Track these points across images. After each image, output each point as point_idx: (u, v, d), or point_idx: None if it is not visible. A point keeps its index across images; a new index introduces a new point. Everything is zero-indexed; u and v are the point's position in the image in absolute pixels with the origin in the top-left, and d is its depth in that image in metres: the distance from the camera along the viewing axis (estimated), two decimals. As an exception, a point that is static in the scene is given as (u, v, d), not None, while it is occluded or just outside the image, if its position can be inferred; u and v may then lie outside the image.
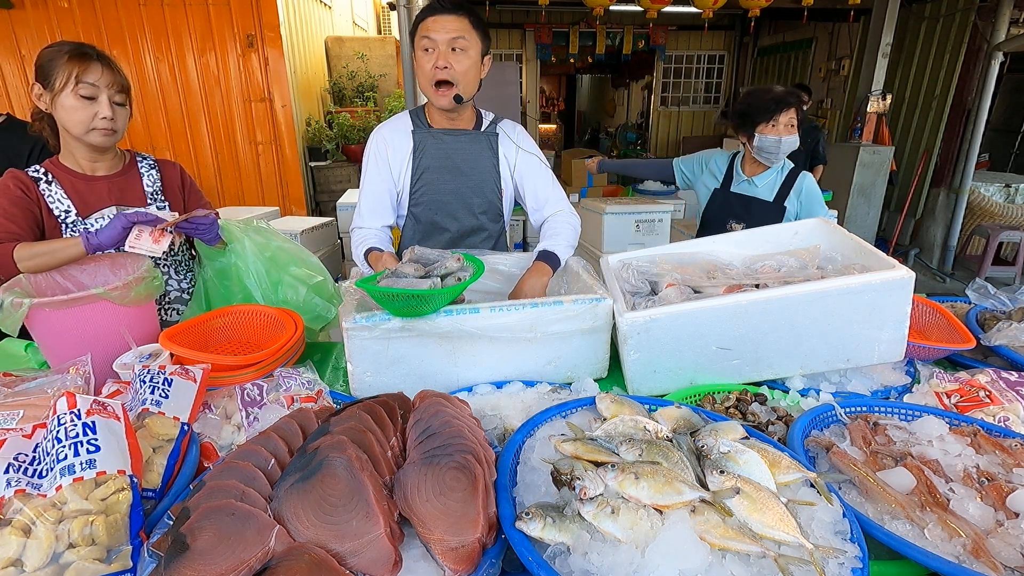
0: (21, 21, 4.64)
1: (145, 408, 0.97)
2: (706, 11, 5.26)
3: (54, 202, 1.52)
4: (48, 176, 1.53)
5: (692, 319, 1.20)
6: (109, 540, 0.72)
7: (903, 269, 1.17)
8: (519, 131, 1.79)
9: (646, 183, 7.07)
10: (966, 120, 5.52)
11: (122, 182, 1.63)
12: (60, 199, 1.53)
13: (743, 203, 2.26)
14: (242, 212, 3.93)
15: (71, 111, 1.44)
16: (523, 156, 1.76)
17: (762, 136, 2.12)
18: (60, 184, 1.53)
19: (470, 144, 1.70)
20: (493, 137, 1.73)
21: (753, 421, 1.11)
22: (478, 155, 1.71)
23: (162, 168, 1.74)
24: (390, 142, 1.69)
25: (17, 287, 1.26)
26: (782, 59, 8.46)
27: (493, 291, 1.64)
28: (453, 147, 1.69)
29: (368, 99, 6.49)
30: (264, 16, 4.89)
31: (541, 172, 1.78)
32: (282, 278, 1.66)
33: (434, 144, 1.69)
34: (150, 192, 1.68)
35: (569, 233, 1.70)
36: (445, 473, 0.77)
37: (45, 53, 1.44)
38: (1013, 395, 1.13)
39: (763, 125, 2.11)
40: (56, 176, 1.54)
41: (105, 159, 1.60)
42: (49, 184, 1.52)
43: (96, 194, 1.58)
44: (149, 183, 1.68)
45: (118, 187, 1.62)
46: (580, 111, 15.17)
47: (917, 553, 0.73)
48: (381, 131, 1.72)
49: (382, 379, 1.24)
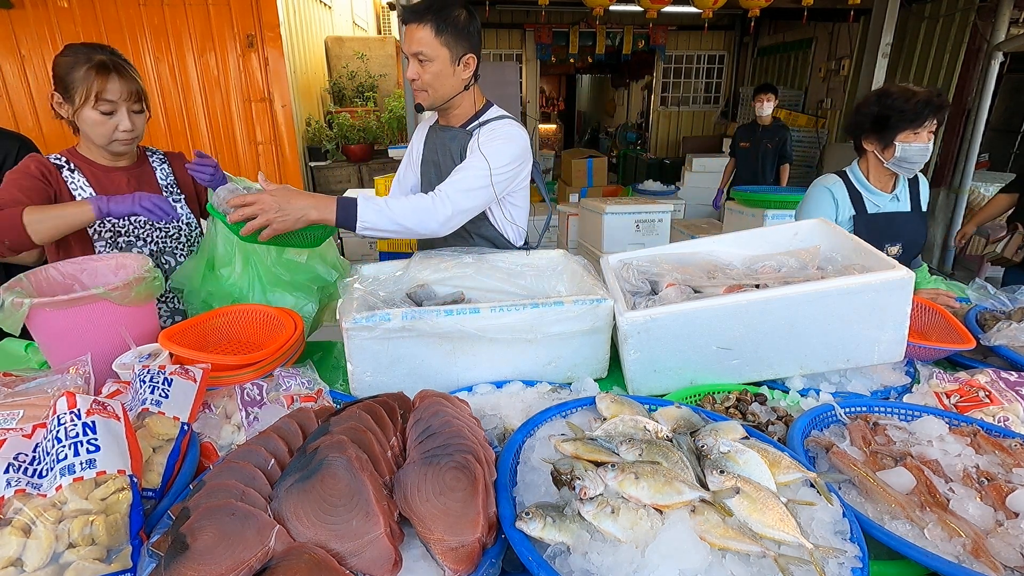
0: (21, 21, 4.63)
1: (145, 408, 0.97)
2: (706, 11, 5.26)
3: (76, 188, 1.56)
4: (70, 164, 1.57)
5: (692, 319, 1.20)
6: (109, 540, 0.72)
7: (903, 269, 1.17)
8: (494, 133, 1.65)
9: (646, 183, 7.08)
10: (966, 120, 5.52)
11: (139, 173, 1.68)
12: (83, 186, 1.57)
13: (890, 222, 1.97)
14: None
15: (93, 125, 1.50)
16: (473, 151, 1.64)
17: (906, 145, 1.82)
18: (82, 172, 1.58)
19: (449, 141, 1.76)
20: (467, 136, 1.73)
21: (753, 421, 1.11)
22: (452, 152, 1.76)
23: (172, 161, 1.78)
24: (416, 133, 1.94)
25: (18, 287, 1.26)
26: (782, 59, 8.46)
27: (493, 289, 1.64)
28: (438, 142, 1.81)
29: (368, 99, 6.49)
30: (264, 16, 4.89)
31: (469, 163, 1.61)
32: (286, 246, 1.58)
33: (430, 138, 1.85)
34: (164, 185, 1.72)
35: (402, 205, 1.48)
36: (445, 473, 0.77)
37: (63, 63, 1.46)
38: (1013, 395, 1.13)
39: (907, 132, 1.82)
40: (77, 165, 1.58)
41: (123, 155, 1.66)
42: (72, 172, 1.56)
43: (116, 184, 1.62)
44: (162, 176, 1.73)
45: (136, 178, 1.66)
46: (580, 111, 15.17)
47: (917, 553, 0.73)
48: (420, 124, 1.94)
49: (382, 379, 1.24)
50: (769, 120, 4.95)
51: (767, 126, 4.96)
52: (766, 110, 4.86)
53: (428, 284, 1.59)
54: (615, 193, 6.78)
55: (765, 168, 4.97)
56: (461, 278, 1.61)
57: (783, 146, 4.93)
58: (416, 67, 1.59)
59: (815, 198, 2.02)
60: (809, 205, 2.03)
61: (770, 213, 3.97)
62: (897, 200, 1.96)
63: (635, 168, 8.99)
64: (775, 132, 4.94)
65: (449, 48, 1.56)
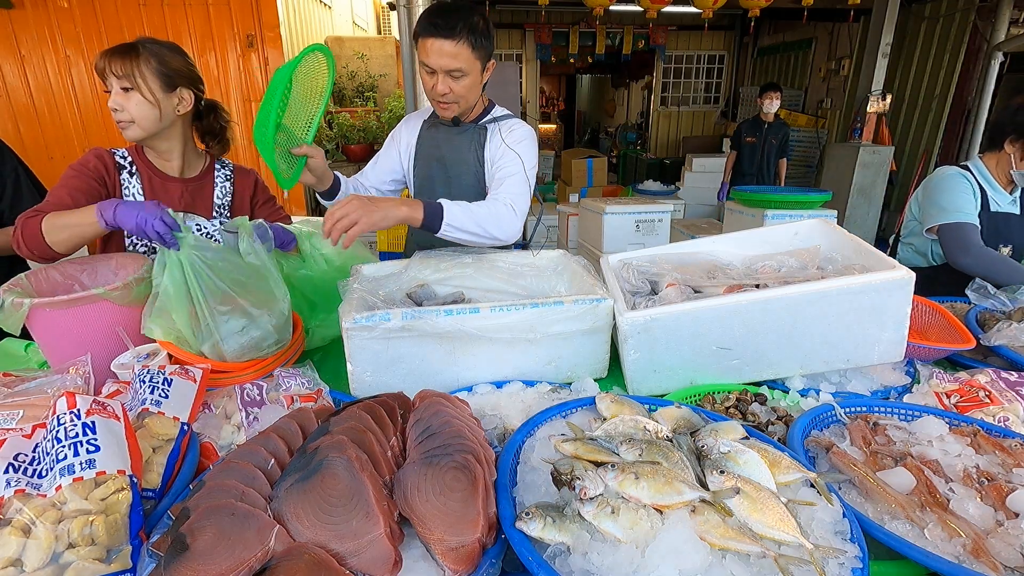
0: (21, 21, 4.64)
1: (145, 408, 0.97)
2: (706, 11, 5.27)
3: (129, 195, 1.51)
4: (132, 167, 1.52)
5: (692, 319, 1.20)
6: (109, 540, 0.72)
7: (903, 269, 1.17)
8: (516, 133, 1.72)
9: (646, 183, 7.08)
10: (966, 120, 5.52)
11: (196, 188, 1.62)
12: (136, 194, 1.52)
13: (1008, 222, 1.97)
14: (242, 212, 3.93)
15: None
16: (504, 151, 1.70)
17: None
18: (140, 178, 1.53)
19: (457, 136, 1.74)
20: (482, 131, 1.73)
21: (753, 421, 1.11)
22: (463, 147, 1.74)
23: (237, 177, 1.70)
24: (405, 127, 1.86)
25: (17, 287, 1.26)
26: (782, 59, 8.47)
27: (493, 288, 1.64)
28: (442, 138, 1.77)
29: (368, 99, 6.50)
30: (264, 16, 4.89)
31: (510, 167, 1.67)
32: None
33: (429, 134, 1.80)
34: (219, 204, 1.65)
35: (490, 209, 1.53)
36: (445, 473, 0.77)
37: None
38: (1013, 395, 1.13)
39: None
40: (139, 169, 1.53)
41: (172, 157, 1.56)
42: (131, 176, 1.52)
43: (168, 196, 1.56)
44: (221, 194, 1.66)
45: (191, 192, 1.60)
46: (580, 111, 15.18)
47: (917, 553, 0.73)
48: (406, 118, 1.89)
49: (382, 379, 1.24)
50: (773, 117, 5.18)
51: (771, 123, 5.19)
52: (773, 107, 5.08)
53: (428, 284, 1.59)
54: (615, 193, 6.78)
55: (769, 162, 5.24)
56: (461, 278, 1.61)
57: (784, 142, 5.22)
58: (448, 82, 1.54)
59: (954, 183, 1.93)
60: (950, 192, 1.92)
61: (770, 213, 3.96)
62: (1016, 203, 1.97)
63: (635, 168, 9.00)
64: (779, 129, 5.21)
65: (480, 60, 1.56)
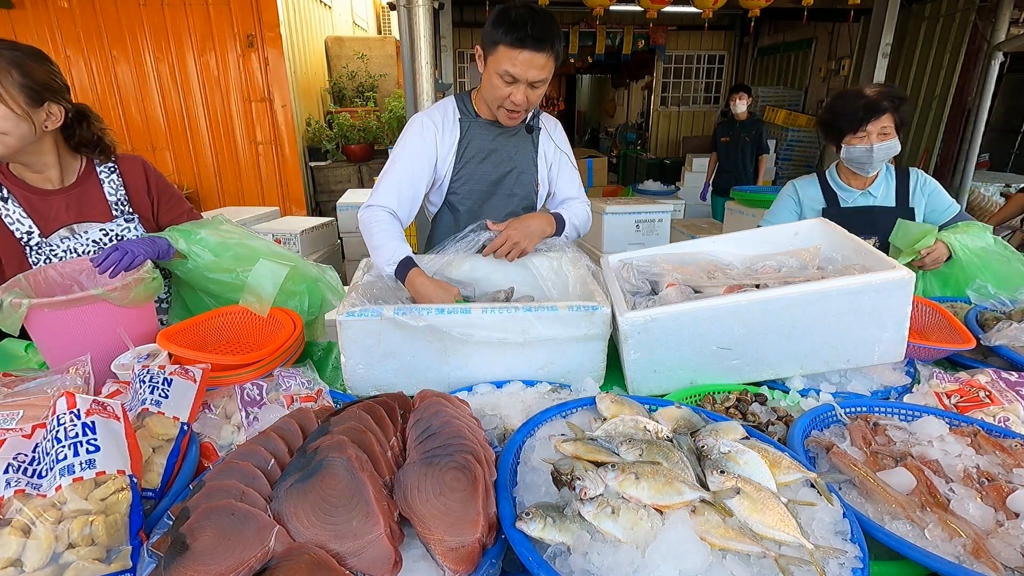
0: (21, 21, 4.64)
1: (145, 408, 0.97)
2: (706, 11, 5.27)
3: (13, 223, 1.40)
4: (4, 191, 1.40)
5: (692, 319, 1.20)
6: (109, 540, 0.72)
7: (903, 270, 1.17)
8: (559, 129, 1.87)
9: (646, 183, 7.08)
10: (966, 120, 5.52)
11: (79, 193, 1.47)
12: (20, 219, 1.41)
13: (865, 215, 2.02)
14: (242, 212, 3.94)
15: None
16: (559, 155, 1.83)
17: (850, 147, 1.91)
18: (17, 201, 1.41)
19: (514, 136, 1.74)
20: (536, 132, 1.78)
21: (753, 421, 1.10)
22: (521, 148, 1.76)
23: (123, 169, 1.54)
24: (440, 127, 1.68)
25: (17, 287, 1.26)
26: (782, 59, 8.46)
27: (496, 286, 1.64)
28: (498, 138, 1.72)
29: (368, 99, 6.50)
30: (264, 16, 4.89)
31: (571, 173, 1.87)
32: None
33: (480, 134, 1.70)
34: (113, 202, 1.51)
35: (581, 213, 1.81)
36: (445, 473, 0.77)
37: None
38: (1013, 395, 1.13)
39: (849, 136, 1.90)
40: (12, 191, 1.41)
41: (47, 169, 1.42)
42: (5, 202, 1.39)
43: (53, 210, 1.43)
44: (111, 191, 1.51)
45: (76, 200, 1.47)
46: (580, 111, 15.17)
47: (917, 553, 0.73)
48: (431, 115, 1.69)
49: (375, 372, 1.25)
50: (745, 115, 5.34)
51: (743, 121, 5.35)
52: (740, 107, 5.29)
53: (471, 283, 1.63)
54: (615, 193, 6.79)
55: (745, 159, 5.44)
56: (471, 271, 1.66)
57: (759, 138, 5.38)
58: (527, 92, 1.53)
59: (779, 199, 2.20)
60: (774, 205, 2.20)
61: (770, 213, 3.97)
62: (870, 196, 2.04)
63: (635, 168, 9.00)
64: (751, 126, 5.36)
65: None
